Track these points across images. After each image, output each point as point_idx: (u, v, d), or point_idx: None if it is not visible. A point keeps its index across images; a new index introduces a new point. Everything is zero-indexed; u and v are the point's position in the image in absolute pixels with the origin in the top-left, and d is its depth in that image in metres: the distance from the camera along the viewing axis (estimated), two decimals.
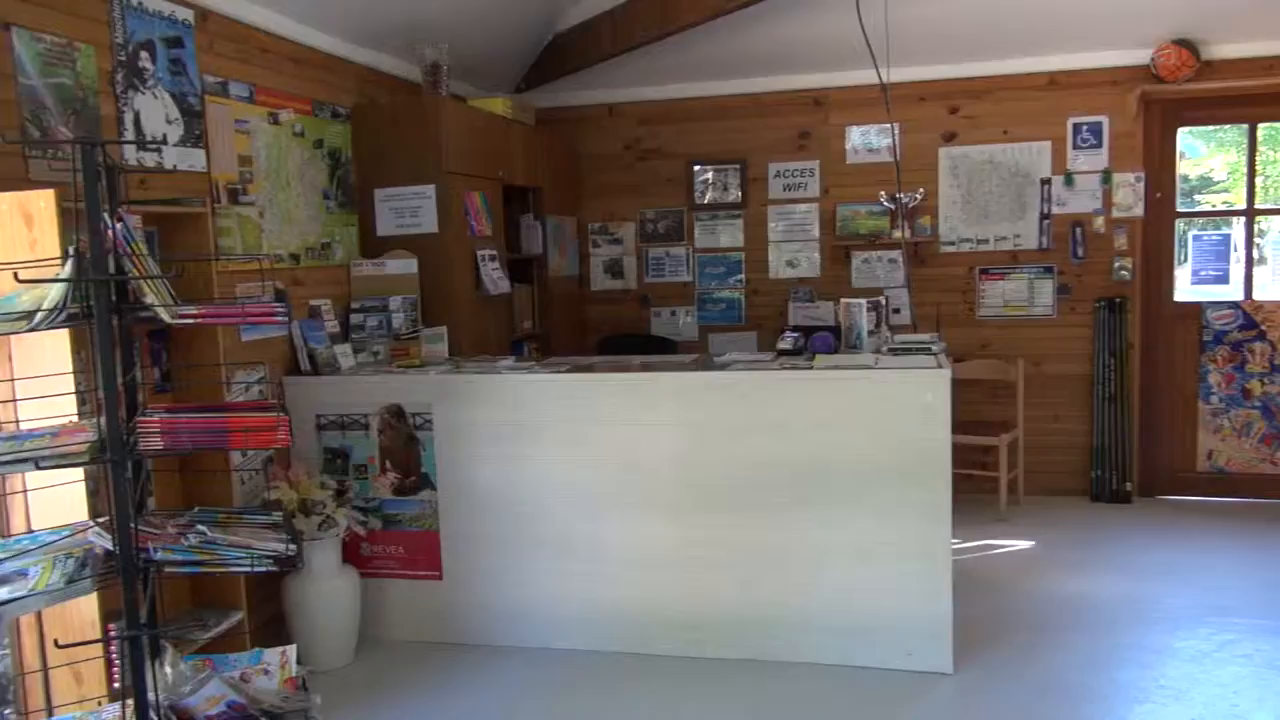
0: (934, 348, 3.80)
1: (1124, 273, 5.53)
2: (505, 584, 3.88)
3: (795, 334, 3.98)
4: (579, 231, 6.28)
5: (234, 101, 3.76)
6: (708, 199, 6.12)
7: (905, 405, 3.49)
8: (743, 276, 6.12)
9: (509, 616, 3.89)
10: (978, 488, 5.81)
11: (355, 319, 4.34)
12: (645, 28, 5.19)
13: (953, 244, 5.78)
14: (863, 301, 3.97)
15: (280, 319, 2.18)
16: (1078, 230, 5.58)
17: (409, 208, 4.51)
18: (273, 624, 3.78)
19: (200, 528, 2.07)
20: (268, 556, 2.07)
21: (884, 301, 4.23)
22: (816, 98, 5.90)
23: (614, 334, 6.17)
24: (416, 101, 4.68)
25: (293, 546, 2.08)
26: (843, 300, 4.08)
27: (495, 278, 4.73)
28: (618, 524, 3.76)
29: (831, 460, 3.55)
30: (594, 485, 3.77)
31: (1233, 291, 5.70)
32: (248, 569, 2.08)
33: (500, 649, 3.87)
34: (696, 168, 6.11)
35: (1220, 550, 4.78)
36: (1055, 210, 5.62)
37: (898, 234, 5.68)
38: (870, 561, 3.55)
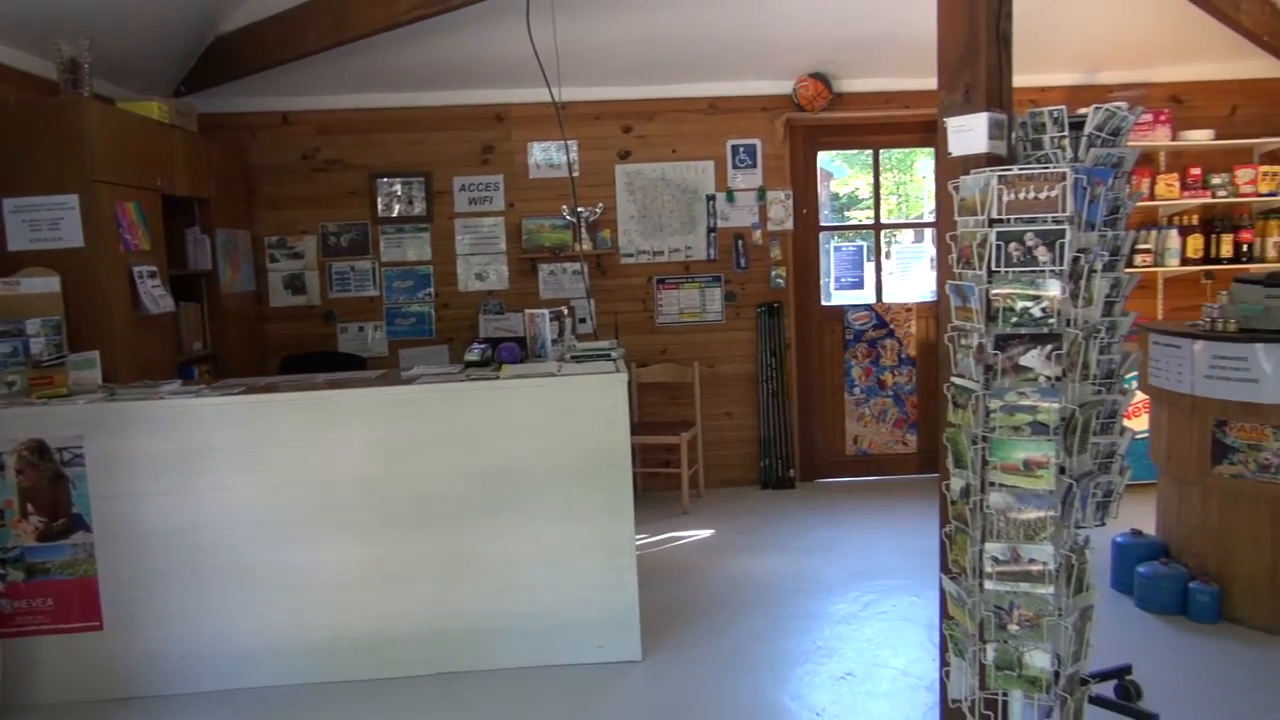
0: (613, 354, 4.01)
1: (780, 280, 6.14)
2: (180, 626, 3.59)
3: (482, 345, 4.03)
4: (254, 245, 5.93)
5: None
6: (394, 212, 6.02)
7: (587, 409, 3.65)
8: (432, 290, 6.08)
9: (186, 660, 3.60)
10: (664, 484, 6.21)
11: None
12: (318, 35, 5.02)
13: (631, 255, 6.12)
14: (545, 312, 4.11)
15: None
16: (740, 242, 6.12)
17: (47, 219, 4.04)
18: None
19: None
20: None
21: (566, 311, 4.40)
22: (499, 113, 6.00)
23: (298, 352, 5.88)
24: (54, 102, 4.20)
25: None
26: (526, 311, 4.20)
27: (155, 295, 4.36)
28: (304, 549, 3.61)
29: (520, 467, 3.64)
30: (277, 511, 3.59)
31: (867, 295, 6.48)
32: None
33: (176, 698, 3.57)
34: (380, 180, 6.00)
35: (866, 524, 5.44)
36: (720, 224, 6.12)
37: (580, 246, 5.92)
38: (560, 562, 3.68)
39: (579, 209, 5.87)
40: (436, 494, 3.63)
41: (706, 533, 5.39)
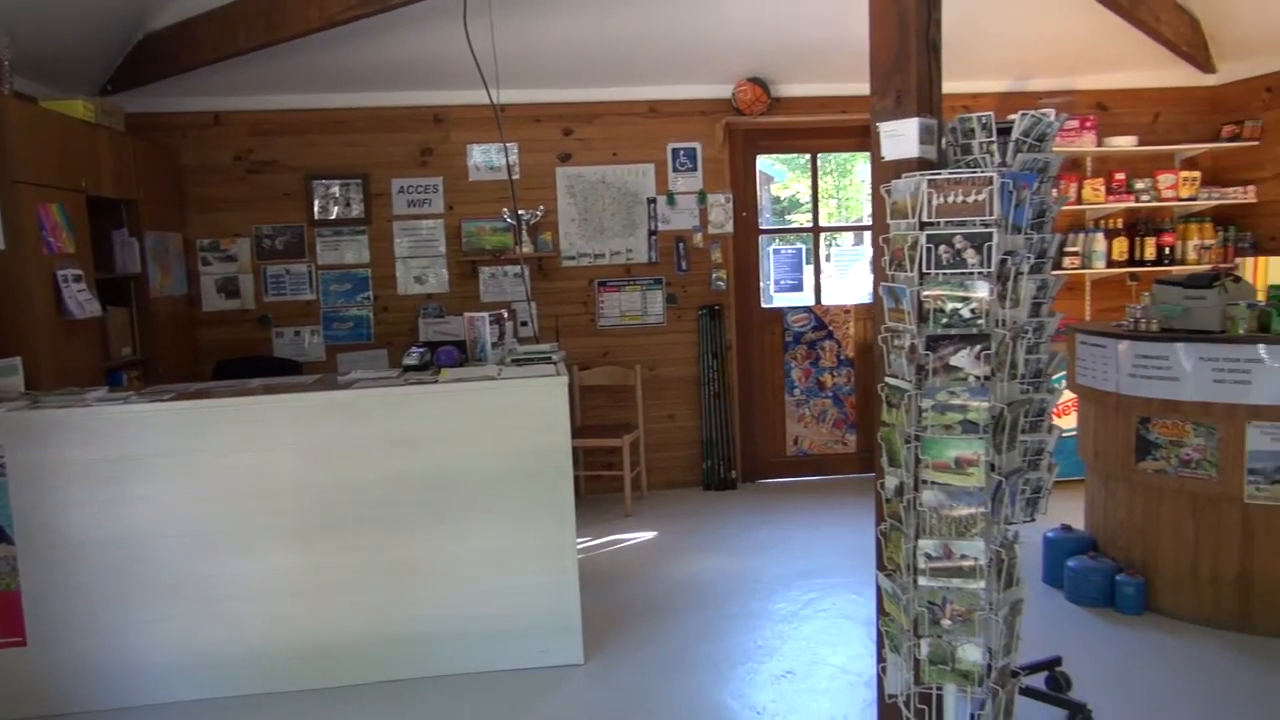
0: (554, 357, 4.00)
1: (720, 283, 6.18)
2: (109, 640, 3.49)
3: (421, 349, 3.99)
4: (186, 248, 5.80)
5: None
6: (333, 214, 5.93)
7: (528, 413, 3.64)
8: (370, 294, 6.01)
9: (116, 675, 3.50)
10: (607, 487, 6.21)
11: None
12: (249, 34, 4.92)
13: (573, 258, 6.11)
14: (485, 315, 4.08)
15: None
16: (680, 245, 6.15)
17: None
18: None
19: None
20: None
21: (506, 315, 4.38)
22: (437, 114, 5.95)
23: (232, 357, 5.76)
24: None
25: None
26: (466, 314, 4.17)
27: (81, 300, 4.24)
28: (239, 558, 3.54)
29: (460, 471, 3.62)
30: (210, 520, 3.52)
31: (807, 298, 6.56)
32: None
33: (106, 714, 3.47)
34: (316, 182, 5.90)
35: (806, 523, 5.50)
36: (661, 227, 6.15)
37: (521, 249, 5.89)
38: (502, 567, 3.66)
39: (520, 212, 5.85)
40: (375, 500, 3.59)
41: (649, 534, 5.40)
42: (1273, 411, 3.58)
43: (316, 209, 5.92)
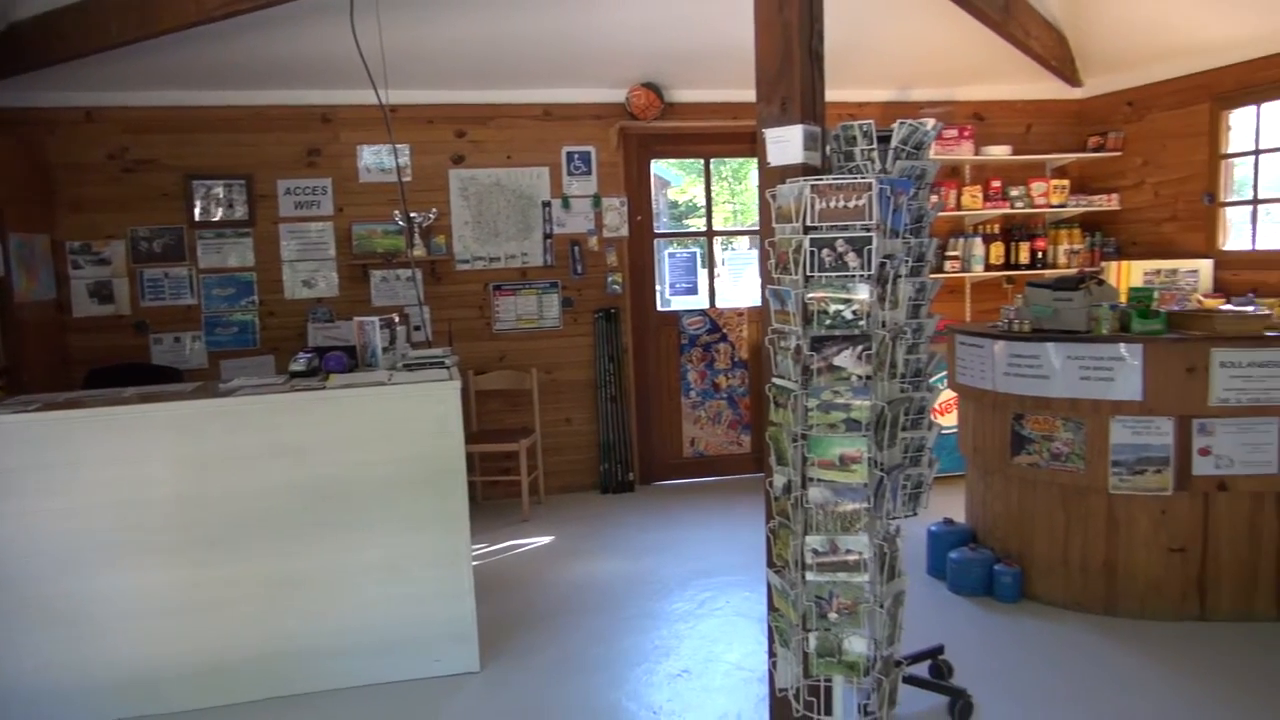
0: (447, 361, 3.95)
1: (616, 286, 6.21)
2: None
3: (309, 355, 3.88)
4: (55, 251, 5.50)
5: None
6: (216, 216, 5.72)
7: (420, 418, 3.58)
8: (255, 298, 5.81)
9: None
10: (504, 492, 6.16)
11: None
12: (121, 27, 4.71)
13: (467, 262, 6.05)
14: (375, 319, 4.00)
15: None
16: (576, 249, 6.16)
17: None
18: None
19: None
20: None
21: (398, 319, 4.30)
22: (325, 114, 5.81)
23: (106, 365, 5.49)
24: None
25: None
26: (356, 319, 4.08)
27: None
28: (114, 576, 3.38)
29: (350, 479, 3.54)
30: (81, 537, 3.35)
31: (701, 301, 6.65)
32: None
33: None
34: (197, 182, 5.69)
35: (702, 523, 5.57)
36: (556, 230, 6.14)
37: (413, 252, 5.80)
38: (395, 576, 3.60)
39: (412, 214, 5.75)
40: (260, 511, 3.48)
41: (547, 539, 5.38)
42: (1133, 406, 3.80)
43: (198, 210, 5.70)
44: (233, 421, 3.46)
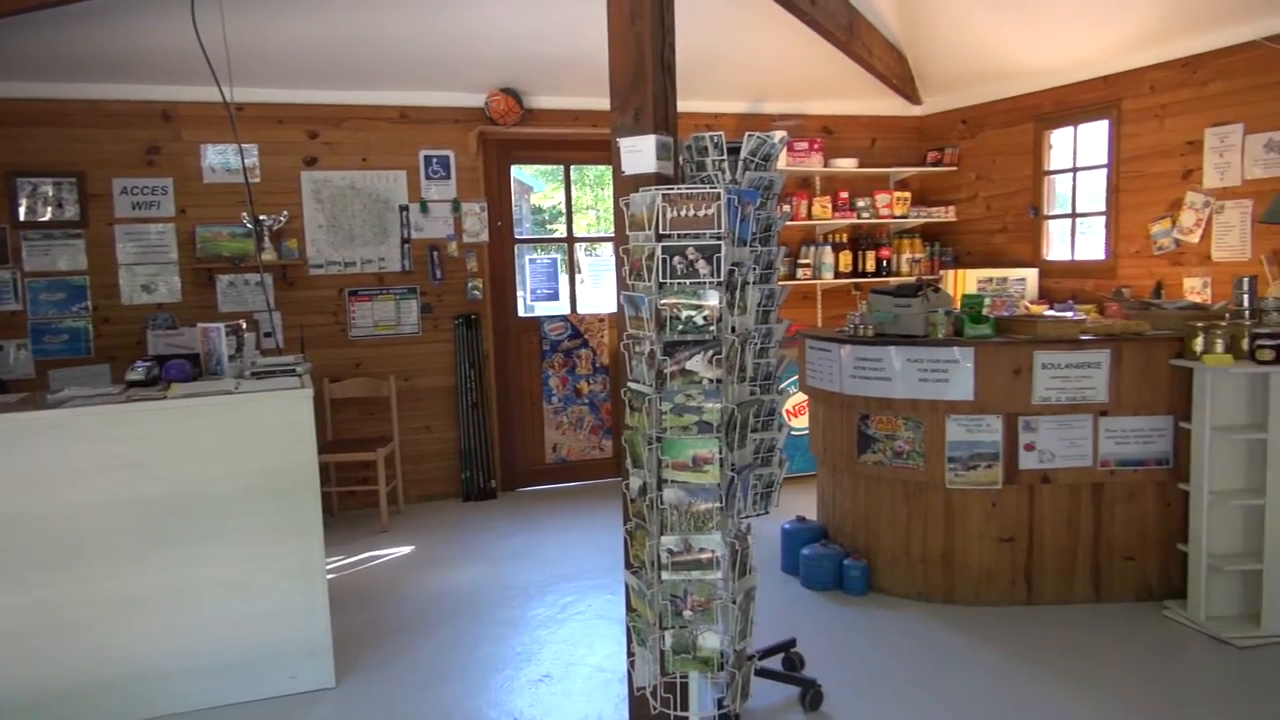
0: (299, 369, 3.83)
1: (476, 292, 6.16)
2: None
3: (148, 363, 3.70)
4: None
5: None
6: (44, 216, 5.36)
7: (269, 428, 3.47)
8: (88, 303, 5.47)
9: None
10: (362, 503, 6.02)
11: None
12: None
13: (321, 266, 5.88)
14: (221, 326, 3.85)
15: None
16: (435, 254, 6.08)
17: None
18: None
19: None
20: None
21: (244, 325, 4.15)
22: (165, 111, 5.54)
23: None
24: None
25: None
26: (200, 325, 3.91)
27: None
28: None
29: (194, 493, 3.39)
30: None
31: (563, 307, 6.68)
32: None
33: None
34: (22, 180, 5.31)
35: (564, 528, 5.59)
36: (414, 235, 6.04)
37: (264, 256, 5.59)
38: (245, 593, 3.47)
39: (261, 217, 5.55)
40: (95, 529, 3.29)
41: (406, 549, 5.29)
42: (966, 405, 4.05)
43: (23, 210, 5.33)
44: (64, 434, 3.26)
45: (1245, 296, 4.31)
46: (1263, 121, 4.77)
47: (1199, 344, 3.84)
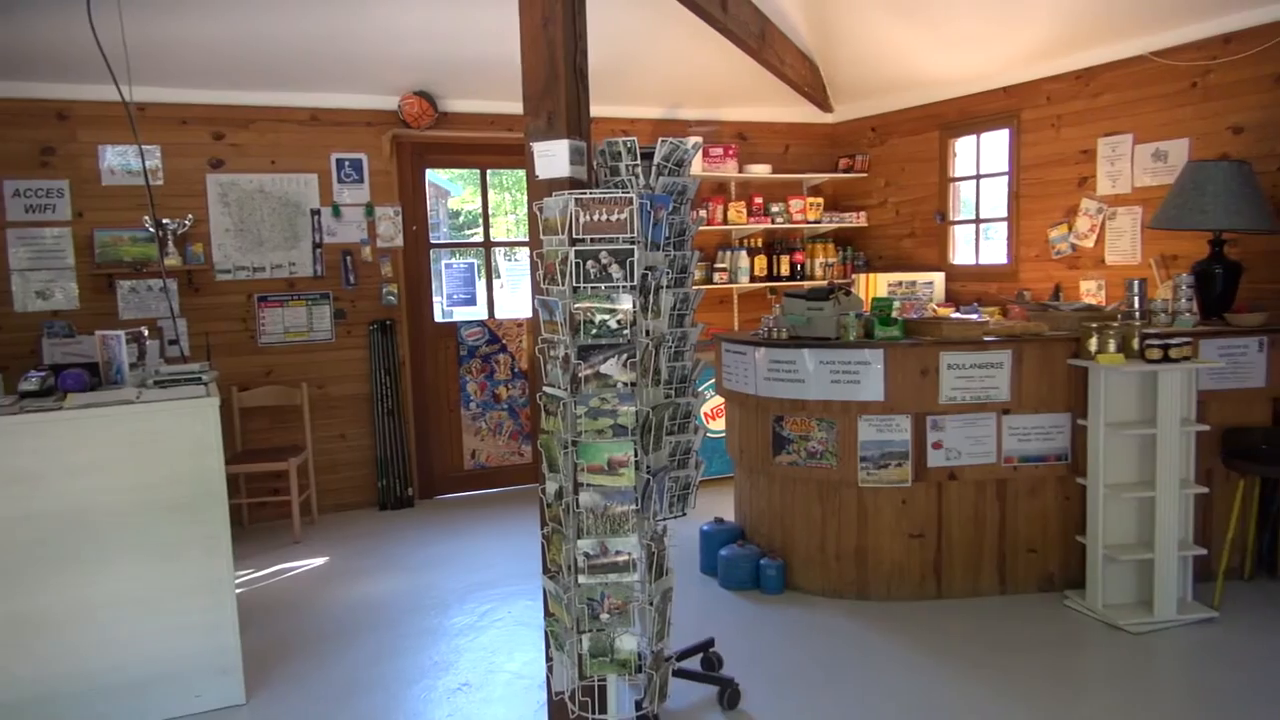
0: (204, 377, 3.72)
1: (391, 297, 6.07)
2: None
3: (42, 373, 3.55)
4: None
5: None
6: None
7: (174, 438, 3.36)
8: None
9: None
10: (274, 514, 5.87)
11: None
12: None
13: (229, 272, 5.72)
14: (120, 333, 3.71)
15: None
16: (348, 259, 5.97)
17: None
18: None
19: None
20: None
21: (146, 333, 4.01)
22: (60, 110, 5.32)
23: None
24: None
25: None
26: (98, 333, 3.77)
27: None
28: None
29: (93, 507, 3.26)
30: None
31: (480, 312, 6.63)
32: None
33: None
34: None
35: (484, 535, 5.55)
36: (327, 240, 5.93)
37: (168, 261, 5.42)
38: (148, 610, 3.35)
39: (164, 220, 5.38)
40: None
41: (320, 560, 5.17)
42: (877, 406, 4.16)
43: None
44: None
45: (1136, 299, 4.53)
46: (1150, 132, 5.02)
47: (1093, 344, 4.01)
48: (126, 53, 4.15)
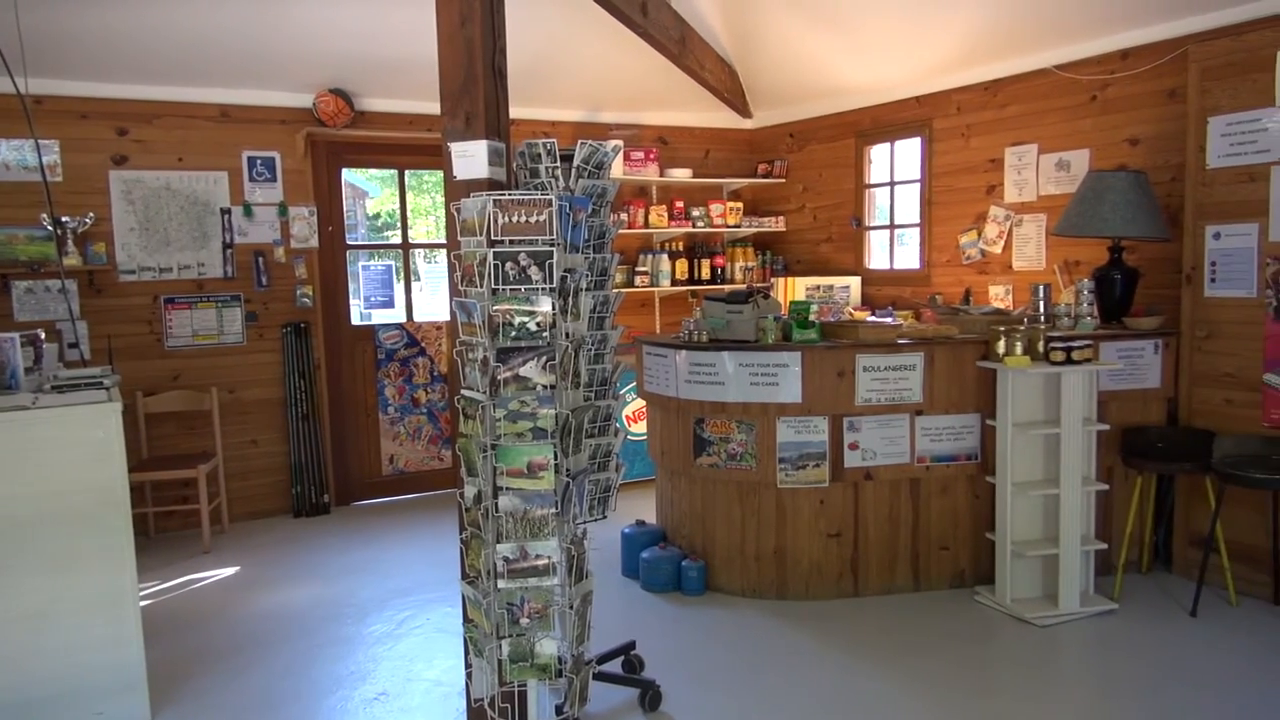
0: (106, 381, 3.57)
1: (306, 300, 5.93)
2: None
3: None
4: None
5: None
6: None
7: (72, 446, 3.22)
8: None
9: None
10: (182, 523, 5.68)
11: None
12: None
13: (133, 272, 5.51)
14: (15, 336, 3.54)
15: None
16: (260, 259, 5.81)
17: None
18: None
19: None
20: None
21: (43, 336, 3.83)
22: None
23: None
24: None
25: None
26: None
27: None
28: None
29: None
30: None
31: (398, 315, 6.52)
32: None
33: None
34: None
35: (402, 541, 5.45)
36: (238, 240, 5.76)
37: (68, 261, 5.19)
38: (44, 625, 3.20)
39: (63, 218, 5.15)
40: None
41: (231, 570, 5.02)
42: (795, 408, 4.22)
43: None
44: None
45: (1041, 303, 4.68)
46: (1054, 142, 5.21)
47: (1001, 347, 4.14)
48: (21, 42, 3.97)
